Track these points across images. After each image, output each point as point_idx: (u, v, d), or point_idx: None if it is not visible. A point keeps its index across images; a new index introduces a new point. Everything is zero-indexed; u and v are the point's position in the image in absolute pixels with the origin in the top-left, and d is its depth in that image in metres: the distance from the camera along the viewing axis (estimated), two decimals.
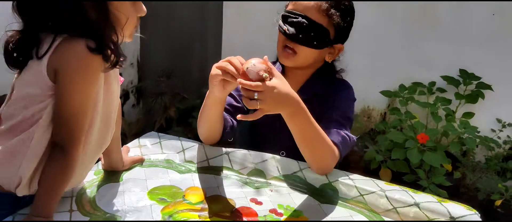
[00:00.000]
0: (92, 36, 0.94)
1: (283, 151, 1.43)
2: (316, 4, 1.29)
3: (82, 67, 0.94)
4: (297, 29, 1.29)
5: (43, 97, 0.97)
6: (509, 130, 2.48)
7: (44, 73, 0.94)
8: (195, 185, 1.23)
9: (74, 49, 0.93)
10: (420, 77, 2.58)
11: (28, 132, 0.98)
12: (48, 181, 0.98)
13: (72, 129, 0.97)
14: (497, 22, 2.38)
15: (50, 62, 0.94)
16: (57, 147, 0.98)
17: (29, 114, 0.98)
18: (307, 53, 1.32)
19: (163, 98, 2.66)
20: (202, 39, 3.00)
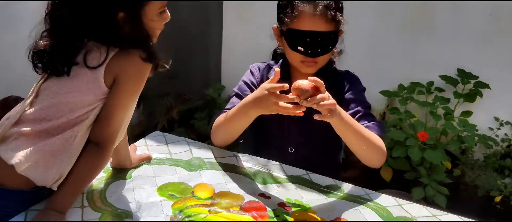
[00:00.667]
0: (141, 47, 1.03)
1: (291, 148, 1.46)
2: (322, 16, 1.29)
3: (138, 75, 1.05)
4: (314, 46, 1.31)
5: (94, 101, 1.04)
6: (507, 128, 2.52)
7: (101, 80, 1.03)
8: (204, 182, 1.25)
9: (132, 60, 1.03)
10: (418, 77, 2.60)
11: (71, 131, 1.03)
12: (79, 176, 1.03)
13: (114, 129, 1.05)
14: (493, 22, 2.42)
15: (108, 70, 1.03)
16: (92, 144, 1.05)
17: (75, 116, 1.04)
18: (326, 57, 1.37)
19: (167, 100, 2.68)
20: (203, 42, 3.01)
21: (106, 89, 1.04)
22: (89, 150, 1.05)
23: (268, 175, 1.31)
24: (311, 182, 1.29)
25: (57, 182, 1.04)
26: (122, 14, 1.02)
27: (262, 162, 1.38)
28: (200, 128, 2.73)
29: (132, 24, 1.03)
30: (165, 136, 1.53)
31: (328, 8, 1.30)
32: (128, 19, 1.02)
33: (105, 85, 1.03)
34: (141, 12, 1.04)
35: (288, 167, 1.36)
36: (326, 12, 1.29)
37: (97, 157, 1.05)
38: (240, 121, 1.30)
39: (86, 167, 1.04)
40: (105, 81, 1.03)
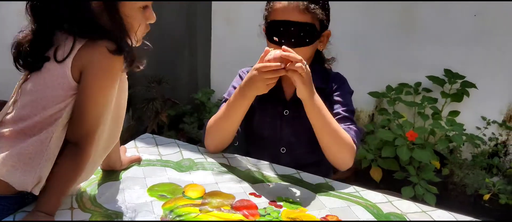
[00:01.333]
0: (110, 39, 0.98)
1: (283, 148, 1.46)
2: (295, 6, 1.32)
3: (106, 68, 0.99)
4: (288, 36, 1.33)
5: (64, 97, 1.00)
6: (494, 127, 2.55)
7: (68, 74, 0.98)
8: (194, 182, 1.25)
9: (98, 51, 0.97)
10: (406, 78, 2.64)
11: (46, 132, 0.99)
12: (61, 177, 1.00)
13: (90, 127, 1.00)
14: (478, 23, 2.46)
15: (75, 63, 0.98)
16: (71, 145, 1.01)
17: (48, 114, 1.00)
18: (303, 51, 1.35)
19: (155, 104, 2.67)
20: (191, 46, 3.01)
21: (74, 83, 0.99)
22: (67, 151, 1.01)
23: (258, 174, 1.31)
24: (302, 180, 1.30)
25: (38, 186, 1.01)
26: (98, 2, 0.98)
27: (253, 161, 1.39)
28: (190, 132, 2.72)
29: (108, 14, 0.98)
30: (155, 138, 1.52)
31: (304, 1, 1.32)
32: (104, 8, 0.98)
33: (73, 79, 0.99)
34: (118, 3, 1.00)
35: (278, 167, 1.36)
36: (298, 3, 1.31)
37: (75, 157, 1.00)
38: (237, 109, 1.32)
39: (66, 168, 1.00)
40: (73, 75, 0.98)
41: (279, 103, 1.45)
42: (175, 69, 3.07)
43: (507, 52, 2.43)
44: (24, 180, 0.99)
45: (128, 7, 1.02)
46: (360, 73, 2.72)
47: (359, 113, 2.84)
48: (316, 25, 1.35)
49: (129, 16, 1.03)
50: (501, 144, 2.56)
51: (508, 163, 2.56)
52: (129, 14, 1.02)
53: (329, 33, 1.42)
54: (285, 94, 1.45)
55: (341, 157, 1.32)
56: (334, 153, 1.32)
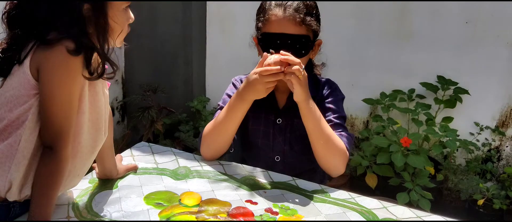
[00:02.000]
0: (69, 38, 0.96)
1: (278, 156, 1.47)
2: (290, 18, 1.32)
3: (60, 64, 0.96)
4: (284, 49, 1.31)
5: (26, 97, 0.99)
6: (487, 133, 2.58)
7: (27, 71, 0.97)
8: (190, 190, 1.25)
9: (55, 48, 0.95)
10: (400, 84, 2.66)
11: (15, 136, 0.99)
12: (41, 183, 0.99)
13: (59, 128, 0.99)
14: (470, 30, 2.49)
15: (32, 61, 0.97)
16: (46, 149, 1.00)
17: (14, 116, 0.99)
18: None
19: (150, 112, 2.67)
20: (186, 55, 3.03)
21: (34, 81, 0.98)
22: (42, 156, 1.00)
23: (254, 182, 1.32)
24: (298, 187, 1.31)
25: (10, 192, 1.00)
26: (87, 5, 0.97)
27: (248, 169, 1.39)
28: (185, 140, 2.72)
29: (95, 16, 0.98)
30: (151, 147, 1.53)
31: (297, 11, 1.32)
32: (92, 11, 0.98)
33: (33, 77, 0.97)
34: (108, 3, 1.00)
35: (274, 174, 1.37)
36: (295, 15, 1.31)
37: (51, 161, 0.99)
38: (236, 113, 1.32)
39: (43, 173, 0.99)
40: (32, 73, 0.97)
41: (271, 112, 1.45)
42: (171, 77, 3.08)
43: (498, 58, 2.46)
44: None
45: (114, 9, 1.02)
46: (354, 80, 2.74)
47: (353, 120, 2.86)
48: (310, 36, 1.36)
49: (114, 19, 1.03)
50: (494, 150, 2.59)
51: (501, 168, 2.59)
52: (114, 16, 1.02)
53: (320, 42, 1.43)
54: (278, 103, 1.46)
55: (333, 163, 1.33)
56: (326, 159, 1.33)
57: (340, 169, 1.34)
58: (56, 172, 1.00)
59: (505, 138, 2.57)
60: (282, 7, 1.33)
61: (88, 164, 1.14)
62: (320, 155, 1.33)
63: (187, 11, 2.93)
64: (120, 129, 3.19)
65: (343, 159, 1.33)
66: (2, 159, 0.99)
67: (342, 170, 1.34)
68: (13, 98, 0.99)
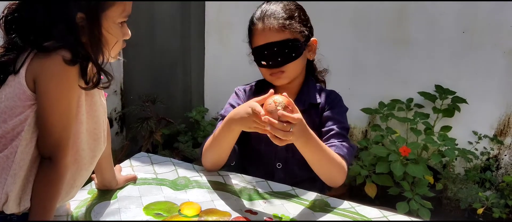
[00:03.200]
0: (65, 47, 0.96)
1: (279, 163, 1.47)
2: (270, 27, 1.35)
3: (58, 74, 0.96)
4: (274, 57, 1.36)
5: (22, 108, 0.98)
6: (485, 142, 2.58)
7: (23, 82, 0.96)
8: (190, 200, 1.25)
9: (52, 58, 0.95)
10: (398, 94, 2.67)
11: (11, 147, 0.98)
12: (40, 194, 0.98)
13: (58, 138, 0.98)
14: (467, 39, 2.50)
15: (28, 71, 0.96)
16: (45, 160, 0.99)
17: (9, 128, 0.98)
18: (293, 66, 1.39)
19: (149, 123, 2.67)
20: (185, 65, 3.04)
21: (30, 92, 0.97)
22: (41, 167, 1.00)
23: (254, 191, 1.32)
24: (297, 197, 1.30)
25: (7, 205, 0.99)
26: (81, 15, 0.97)
27: (248, 179, 1.39)
28: (184, 150, 2.72)
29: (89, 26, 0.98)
30: (150, 157, 1.53)
31: (275, 19, 1.34)
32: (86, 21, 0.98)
33: (29, 88, 0.97)
34: (102, 15, 1.00)
35: (274, 183, 1.37)
36: (273, 23, 1.34)
37: (51, 171, 0.98)
38: (226, 137, 1.32)
39: (44, 185, 0.99)
40: (28, 84, 0.96)
41: None
42: (169, 88, 3.09)
43: (495, 67, 2.48)
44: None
45: (109, 21, 1.02)
46: (353, 89, 2.75)
47: (352, 129, 2.86)
48: (298, 38, 1.37)
49: (109, 31, 1.02)
50: (493, 158, 2.59)
51: (500, 177, 2.59)
52: (109, 28, 1.02)
53: (315, 41, 1.44)
54: None
55: (332, 177, 1.33)
56: (325, 175, 1.33)
57: (339, 182, 1.34)
58: (55, 182, 0.99)
59: (504, 147, 2.57)
60: (261, 20, 1.36)
61: (87, 174, 1.14)
62: (320, 173, 1.33)
63: (186, 22, 2.95)
64: (119, 140, 3.18)
65: (342, 174, 1.32)
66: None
67: (340, 183, 1.34)
68: (8, 109, 0.98)
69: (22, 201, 1.01)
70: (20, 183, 0.99)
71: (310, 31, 1.42)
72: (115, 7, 1.01)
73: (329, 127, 1.40)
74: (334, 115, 1.43)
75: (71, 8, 0.96)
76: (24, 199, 1.01)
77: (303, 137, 1.20)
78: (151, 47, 3.05)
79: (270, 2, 1.41)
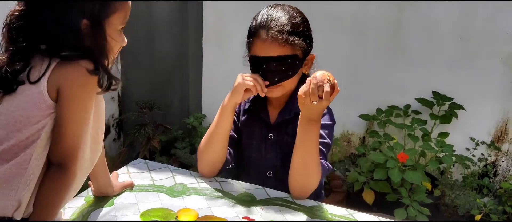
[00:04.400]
0: (87, 58, 0.98)
1: (270, 172, 1.47)
2: (273, 40, 1.29)
3: (82, 86, 0.98)
4: (271, 73, 1.31)
5: (41, 117, 0.98)
6: (483, 148, 2.58)
7: (45, 92, 0.97)
8: (187, 207, 1.25)
9: (74, 69, 0.97)
10: (395, 100, 2.67)
11: (24, 154, 0.98)
12: (46, 200, 0.98)
13: (71, 145, 0.99)
14: (463, 46, 2.51)
15: (51, 82, 0.97)
16: (54, 166, 0.99)
17: (24, 136, 0.98)
18: (289, 82, 1.36)
19: (146, 129, 2.66)
20: (182, 72, 3.04)
21: (51, 102, 0.98)
22: (50, 173, 1.00)
23: (251, 198, 1.32)
24: (295, 203, 1.30)
25: (19, 211, 0.99)
26: (86, 21, 0.98)
27: (245, 186, 1.39)
28: (182, 157, 2.71)
29: (93, 33, 0.99)
30: (147, 163, 1.52)
31: (280, 32, 1.28)
32: (90, 28, 0.99)
33: (50, 98, 0.98)
34: (106, 22, 1.01)
35: (271, 190, 1.37)
36: (277, 36, 1.28)
37: (60, 178, 0.99)
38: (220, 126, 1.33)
39: (50, 191, 0.99)
40: (49, 94, 0.97)
41: (264, 126, 1.45)
42: (167, 95, 3.09)
43: (492, 74, 2.49)
44: (3, 205, 0.97)
45: (112, 28, 1.03)
46: (351, 96, 2.75)
47: (350, 136, 2.87)
48: (298, 54, 1.33)
49: (112, 37, 1.03)
50: (490, 165, 2.59)
51: (498, 183, 2.59)
52: (111, 35, 1.03)
53: (313, 57, 1.40)
54: (270, 118, 1.46)
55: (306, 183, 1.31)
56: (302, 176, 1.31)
57: (309, 191, 1.32)
58: (63, 189, 1.00)
59: (501, 153, 2.58)
60: (265, 29, 1.30)
61: (85, 178, 1.14)
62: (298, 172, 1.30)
63: (184, 29, 2.95)
64: (117, 147, 3.17)
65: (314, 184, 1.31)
66: (10, 178, 0.98)
67: (309, 193, 1.32)
68: (23, 118, 0.98)
69: (27, 206, 1.01)
70: (32, 189, 0.99)
71: (310, 46, 1.38)
72: (117, 14, 1.02)
73: None
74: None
75: (76, 15, 0.97)
76: (29, 204, 1.01)
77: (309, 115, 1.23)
78: (149, 54, 3.05)
79: (277, 7, 1.35)
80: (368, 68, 2.73)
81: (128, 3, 1.05)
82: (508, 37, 2.41)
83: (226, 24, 2.97)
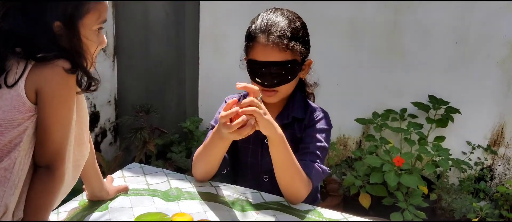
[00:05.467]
0: (64, 58, 0.97)
1: (266, 176, 1.46)
2: (273, 45, 1.28)
3: (62, 86, 0.98)
4: (269, 77, 1.31)
5: (22, 120, 0.98)
6: (479, 152, 2.59)
7: (23, 95, 0.96)
8: (182, 211, 1.24)
9: (51, 69, 0.96)
10: (391, 104, 2.67)
11: (8, 159, 0.97)
12: (37, 203, 0.97)
13: (58, 146, 0.99)
14: (460, 50, 2.52)
15: (29, 83, 0.96)
16: (42, 168, 0.99)
17: (6, 140, 0.98)
18: (286, 87, 1.36)
19: (142, 133, 2.66)
20: (179, 76, 3.04)
21: (30, 104, 0.97)
22: (39, 176, 0.99)
23: (246, 202, 1.31)
24: (290, 207, 1.30)
25: (6, 215, 0.98)
26: (58, 23, 0.97)
27: (241, 190, 1.39)
28: (178, 161, 2.71)
29: (67, 34, 0.98)
30: (142, 168, 1.52)
31: (281, 38, 1.28)
32: (64, 29, 0.98)
33: (29, 100, 0.97)
34: (79, 23, 1.00)
35: (266, 195, 1.36)
36: (278, 42, 1.28)
37: (48, 180, 0.99)
38: (217, 146, 1.31)
39: (40, 193, 0.99)
40: (28, 96, 0.97)
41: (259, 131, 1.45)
42: (164, 98, 3.08)
43: (488, 78, 2.49)
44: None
45: (86, 29, 1.01)
46: (347, 100, 2.76)
47: (346, 139, 2.87)
48: (297, 59, 1.33)
49: (86, 38, 1.02)
50: (486, 168, 2.59)
51: (494, 187, 2.59)
52: (86, 36, 1.02)
53: (311, 62, 1.41)
54: None
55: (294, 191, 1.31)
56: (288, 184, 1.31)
57: (300, 197, 1.31)
58: (52, 191, 1.00)
59: (497, 157, 2.58)
60: (266, 33, 1.30)
61: (75, 180, 1.13)
62: (283, 181, 1.31)
63: (181, 32, 2.95)
64: (112, 151, 3.16)
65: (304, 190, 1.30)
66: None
67: (301, 199, 1.32)
68: (4, 122, 0.98)
69: (16, 211, 1.00)
70: (18, 193, 0.98)
71: (308, 51, 1.38)
72: (92, 14, 1.01)
73: (305, 145, 1.38)
74: (313, 133, 1.40)
75: (48, 18, 0.97)
76: (18, 208, 1.00)
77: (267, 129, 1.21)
78: (145, 57, 3.05)
79: (276, 12, 1.35)
80: (364, 71, 2.73)
81: (103, 3, 1.04)
82: (504, 41, 2.42)
83: (223, 27, 2.97)
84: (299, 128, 1.43)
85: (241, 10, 2.82)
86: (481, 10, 2.43)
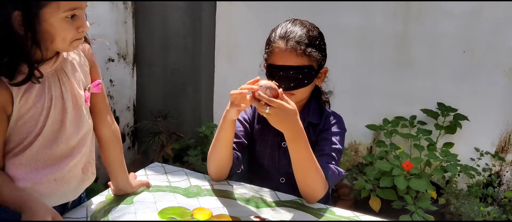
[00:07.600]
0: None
1: (283, 178, 1.54)
2: (291, 50, 1.37)
3: None
4: (287, 80, 1.39)
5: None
6: (487, 158, 2.64)
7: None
8: (202, 206, 1.33)
9: None
10: (401, 111, 2.74)
11: None
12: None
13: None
14: (467, 59, 2.59)
15: None
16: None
17: None
18: (302, 91, 1.44)
19: (160, 137, 2.77)
20: (195, 83, 3.14)
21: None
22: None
23: (262, 200, 1.39)
24: (304, 205, 1.37)
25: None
26: (18, 12, 0.97)
27: (256, 189, 1.47)
28: (194, 164, 2.80)
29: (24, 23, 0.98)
30: (164, 167, 1.61)
31: (299, 43, 1.37)
32: (22, 18, 0.97)
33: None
34: (42, 12, 0.98)
35: (282, 194, 1.44)
36: (296, 47, 1.36)
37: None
38: (223, 130, 1.38)
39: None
40: None
41: (277, 135, 1.51)
42: (180, 104, 3.19)
43: (495, 86, 2.55)
44: None
45: (53, 17, 1.00)
46: (358, 107, 2.83)
47: (357, 145, 2.93)
48: (313, 65, 1.41)
49: (53, 26, 1.02)
50: (494, 175, 2.64)
51: (502, 192, 2.63)
52: (54, 23, 1.02)
53: (327, 70, 1.49)
54: None
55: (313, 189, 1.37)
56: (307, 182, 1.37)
57: (318, 195, 1.38)
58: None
59: (505, 164, 2.63)
60: (285, 39, 1.38)
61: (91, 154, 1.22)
62: (302, 178, 1.38)
63: (197, 42, 3.07)
64: (131, 155, 3.27)
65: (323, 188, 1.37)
66: None
67: (319, 197, 1.39)
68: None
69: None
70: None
71: (324, 59, 1.46)
72: (56, 3, 1.00)
73: (320, 147, 1.44)
74: (328, 136, 1.47)
75: (6, 6, 0.96)
76: None
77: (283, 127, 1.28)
78: (163, 65, 3.17)
79: (295, 22, 1.43)
80: (375, 80, 2.81)
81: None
82: (510, 50, 2.48)
83: (237, 39, 3.07)
84: (314, 132, 1.50)
85: (254, 22, 2.93)
86: (488, 20, 2.50)
